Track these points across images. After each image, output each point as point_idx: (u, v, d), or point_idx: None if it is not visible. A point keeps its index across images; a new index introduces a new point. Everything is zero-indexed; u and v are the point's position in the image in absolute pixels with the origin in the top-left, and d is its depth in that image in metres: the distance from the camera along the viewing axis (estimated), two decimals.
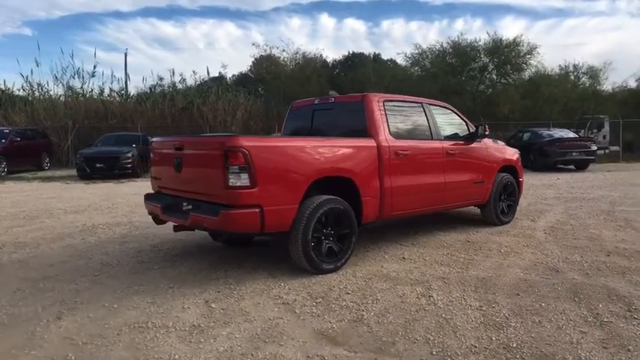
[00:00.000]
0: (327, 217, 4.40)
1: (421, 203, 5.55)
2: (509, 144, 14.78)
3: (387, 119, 5.14)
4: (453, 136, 6.06)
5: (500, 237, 6.00)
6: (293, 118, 6.05)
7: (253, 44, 45.57)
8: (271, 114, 21.84)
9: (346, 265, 4.64)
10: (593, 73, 28.68)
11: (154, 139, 5.11)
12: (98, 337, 3.13)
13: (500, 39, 28.19)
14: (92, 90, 22.84)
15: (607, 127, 24.62)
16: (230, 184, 3.89)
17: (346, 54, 35.37)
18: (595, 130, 23.71)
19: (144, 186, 13.22)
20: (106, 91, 23.26)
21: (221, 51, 54.00)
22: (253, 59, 31.59)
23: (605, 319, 3.33)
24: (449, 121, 6.16)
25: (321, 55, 30.79)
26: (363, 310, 3.57)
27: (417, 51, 29.28)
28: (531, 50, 28.09)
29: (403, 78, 25.29)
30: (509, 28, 48.22)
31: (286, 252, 4.42)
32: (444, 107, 6.24)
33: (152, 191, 5.18)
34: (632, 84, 30.61)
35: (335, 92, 5.76)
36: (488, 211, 6.60)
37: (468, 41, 28.68)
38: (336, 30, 53.18)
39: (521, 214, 7.45)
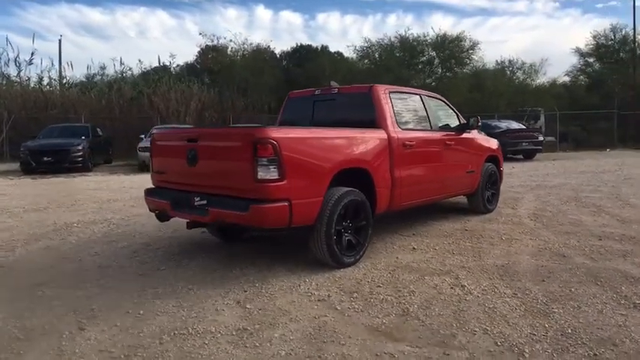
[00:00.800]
0: (346, 210, 4.30)
1: (426, 193, 5.59)
2: None
3: (393, 110, 5.10)
4: (447, 127, 6.14)
5: (493, 225, 6.17)
6: (290, 108, 5.86)
7: (200, 34, 43.99)
8: (226, 105, 21.23)
9: (362, 257, 4.57)
10: (531, 69, 30.42)
11: (156, 130, 4.74)
12: (140, 348, 2.85)
13: (445, 34, 29.24)
14: (29, 78, 21.09)
15: (542, 119, 26.20)
16: (259, 177, 3.69)
17: (294, 46, 35.06)
18: (532, 122, 25.17)
19: (101, 181, 12.50)
20: (45, 80, 21.57)
21: (154, 40, 51.65)
22: (199, 49, 30.62)
23: (636, 301, 3.49)
24: (443, 112, 6.23)
25: (269, 46, 30.39)
26: (404, 304, 3.51)
27: (366, 44, 29.73)
28: (473, 46, 29.38)
29: (358, 70, 25.50)
30: (439, 25, 50.58)
31: (288, 246, 4.29)
32: (438, 98, 6.30)
33: (151, 186, 4.82)
34: (564, 79, 32.81)
35: (336, 83, 5.63)
36: (477, 199, 6.77)
37: (415, 35, 29.44)
38: (273, 22, 52.71)
39: (499, 202, 7.71)
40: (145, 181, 11.97)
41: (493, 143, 7.25)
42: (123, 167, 16.78)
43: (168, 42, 52.15)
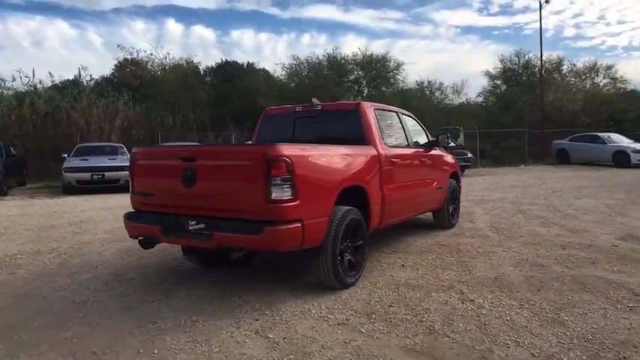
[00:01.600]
0: (348, 229, 4.23)
1: (406, 210, 5.67)
2: None
3: (379, 127, 5.15)
4: (418, 144, 6.30)
5: (462, 239, 6.39)
6: (268, 125, 5.70)
7: (118, 46, 41.61)
8: (154, 122, 20.24)
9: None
10: (453, 89, 32.55)
11: (138, 149, 4.33)
12: None
13: (372, 55, 30.44)
14: None
15: (462, 137, 28.01)
16: (273, 197, 3.51)
17: (219, 62, 34.47)
18: (453, 140, 26.83)
19: (24, 205, 11.23)
20: None
21: (51, 50, 47.93)
22: (117, 62, 29.08)
23: (630, 305, 3.76)
24: (415, 129, 6.40)
25: (192, 61, 29.60)
26: (426, 322, 3.49)
27: (295, 62, 30.04)
28: (398, 66, 30.84)
29: (293, 88, 25.64)
30: (351, 45, 52.40)
31: (277, 269, 4.14)
32: (409, 115, 6.46)
33: (129, 210, 4.40)
34: (477, 99, 35.47)
35: (317, 100, 5.56)
36: (443, 215, 6.99)
37: (343, 54, 30.29)
38: (184, 36, 51.27)
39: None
40: (76, 205, 11.06)
41: (454, 160, 7.56)
42: (41, 190, 15.23)
43: (67, 53, 48.33)
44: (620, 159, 19.63)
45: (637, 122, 28.09)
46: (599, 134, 22.04)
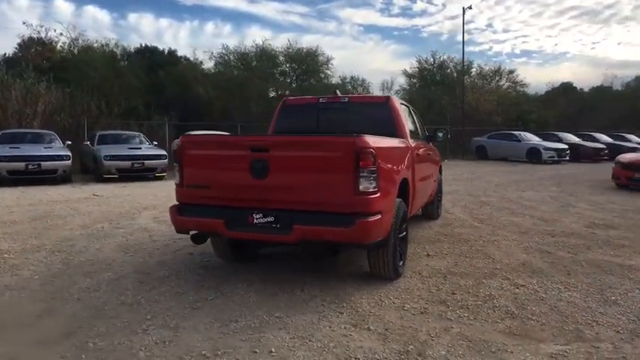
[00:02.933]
0: (401, 221, 4.31)
1: (422, 201, 5.86)
2: None
3: (405, 121, 5.27)
4: (424, 137, 6.52)
5: (458, 229, 6.73)
6: (287, 116, 5.55)
7: (24, 23, 37.01)
8: (79, 108, 18.56)
9: None
10: (367, 85, 33.58)
11: (189, 138, 3.99)
12: None
13: (302, 48, 30.54)
14: None
15: None
16: (361, 189, 3.48)
17: (138, 46, 32.36)
18: None
19: None
20: None
21: None
22: (21, 41, 26.14)
23: None
24: (418, 123, 6.62)
25: (107, 44, 27.49)
26: (500, 307, 3.68)
27: (224, 51, 29.19)
28: (327, 61, 31.27)
29: (229, 78, 24.92)
30: (255, 36, 51.87)
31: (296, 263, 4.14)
32: (414, 110, 6.66)
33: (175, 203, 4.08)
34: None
35: (339, 92, 5.53)
36: (433, 206, 7.31)
37: (272, 47, 29.97)
38: (76, 16, 46.45)
39: None
40: (19, 197, 9.78)
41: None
42: None
43: None
44: (533, 156, 21.71)
45: (539, 122, 31.35)
46: (515, 132, 24.21)
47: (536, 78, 72.70)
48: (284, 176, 3.63)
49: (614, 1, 67.04)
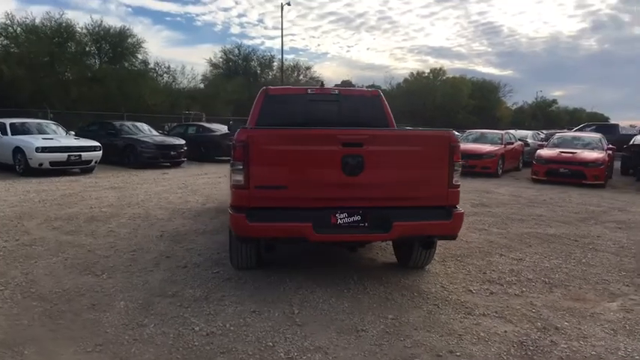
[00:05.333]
0: None
1: None
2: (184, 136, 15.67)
3: None
4: None
5: None
6: (272, 107, 5.14)
7: None
8: None
9: None
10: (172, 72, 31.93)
11: (264, 129, 3.33)
12: None
13: (110, 27, 27.31)
14: None
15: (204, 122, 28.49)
16: (454, 182, 3.61)
17: None
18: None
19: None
20: None
21: None
22: None
23: None
24: None
25: None
26: (533, 279, 4.30)
27: (7, 20, 23.94)
28: (139, 43, 28.59)
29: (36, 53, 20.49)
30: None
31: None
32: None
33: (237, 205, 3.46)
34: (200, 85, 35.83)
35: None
36: None
37: (69, 23, 25.94)
38: None
39: None
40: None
41: None
42: None
43: None
44: None
45: None
46: None
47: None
48: (379, 172, 3.48)
49: (364, 11, 78.94)
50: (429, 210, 3.59)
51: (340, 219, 3.52)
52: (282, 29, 42.31)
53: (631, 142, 14.34)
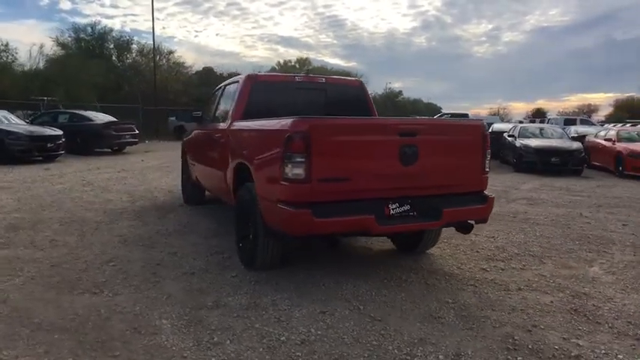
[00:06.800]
0: None
1: None
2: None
3: None
4: None
5: None
6: (261, 94, 4.80)
7: None
8: None
9: None
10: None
11: (326, 119, 3.03)
12: None
13: None
14: None
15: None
16: (486, 169, 3.83)
17: None
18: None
19: None
20: None
21: None
22: None
23: None
24: None
25: None
26: (537, 253, 4.80)
27: None
28: None
29: None
30: None
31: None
32: None
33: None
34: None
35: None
36: None
37: None
38: None
39: None
40: None
41: None
42: None
43: None
44: None
45: None
46: None
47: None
48: (430, 161, 3.52)
49: None
50: (468, 196, 3.77)
51: (392, 209, 3.50)
52: (152, 10, 38.80)
53: (490, 130, 16.60)
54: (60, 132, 13.16)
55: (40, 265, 4.08)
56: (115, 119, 16.47)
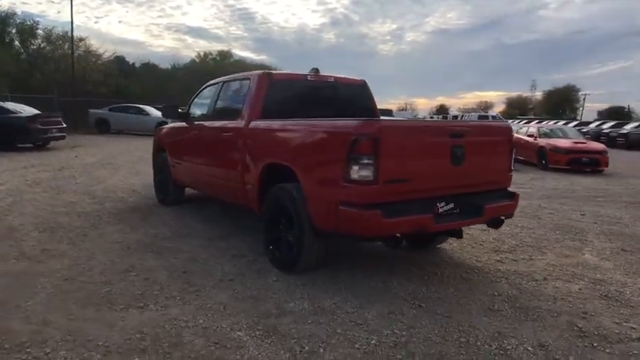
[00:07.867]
0: None
1: None
2: None
3: None
4: None
5: None
6: (278, 94, 4.63)
7: None
8: None
9: None
10: None
11: (392, 121, 3.00)
12: None
13: None
14: None
15: None
16: (512, 167, 4.07)
17: None
18: None
19: None
20: None
21: None
22: None
23: None
24: None
25: None
26: (530, 246, 5.16)
27: None
28: None
29: None
30: None
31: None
32: None
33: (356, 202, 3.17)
34: None
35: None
36: None
37: None
38: None
39: None
40: None
41: None
42: None
43: None
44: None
45: (141, 96, 31.61)
46: (141, 106, 23.94)
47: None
48: (474, 160, 3.66)
49: None
50: (498, 193, 3.99)
51: (441, 208, 3.61)
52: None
53: None
54: None
55: (51, 279, 3.66)
56: (39, 112, 14.92)
